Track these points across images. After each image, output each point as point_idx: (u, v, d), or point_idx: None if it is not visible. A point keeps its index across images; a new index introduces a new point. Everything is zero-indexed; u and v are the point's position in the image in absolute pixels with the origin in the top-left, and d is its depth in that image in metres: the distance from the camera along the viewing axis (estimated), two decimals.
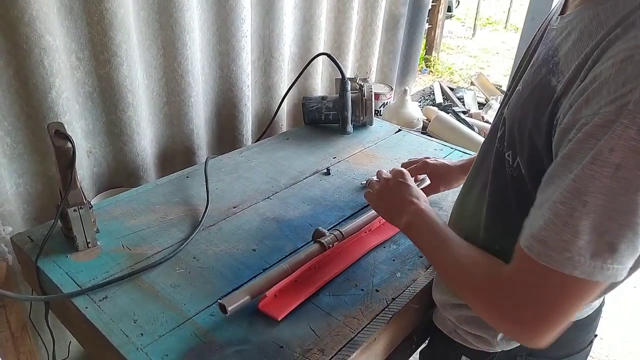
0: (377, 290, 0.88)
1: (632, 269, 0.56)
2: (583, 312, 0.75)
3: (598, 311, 0.80)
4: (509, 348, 0.77)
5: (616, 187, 0.47)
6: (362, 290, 0.88)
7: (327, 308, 0.84)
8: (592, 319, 0.79)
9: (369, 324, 0.81)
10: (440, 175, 1.07)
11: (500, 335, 0.76)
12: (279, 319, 0.80)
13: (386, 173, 0.90)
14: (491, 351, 0.78)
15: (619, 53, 0.49)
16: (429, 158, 1.11)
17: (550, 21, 0.68)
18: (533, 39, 0.72)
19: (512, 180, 0.66)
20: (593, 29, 0.54)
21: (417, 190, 0.83)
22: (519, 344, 0.76)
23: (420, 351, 0.98)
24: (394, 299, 0.86)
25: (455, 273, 0.68)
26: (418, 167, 1.09)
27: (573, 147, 0.50)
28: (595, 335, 0.82)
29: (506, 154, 0.66)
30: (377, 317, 0.82)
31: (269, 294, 0.82)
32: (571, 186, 0.49)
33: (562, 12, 0.65)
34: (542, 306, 0.54)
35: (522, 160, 0.63)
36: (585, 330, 0.79)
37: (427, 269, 0.94)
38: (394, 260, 0.96)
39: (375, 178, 0.93)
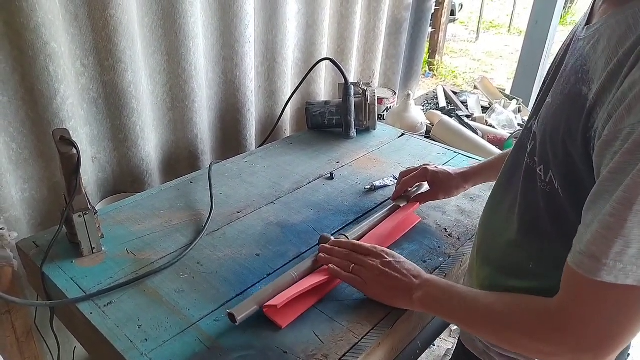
0: None
1: None
2: None
3: None
4: None
5: None
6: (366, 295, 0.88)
7: (331, 313, 0.84)
8: None
9: (372, 329, 0.81)
10: (440, 183, 1.07)
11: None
12: (283, 327, 0.80)
13: (362, 259, 0.84)
14: None
15: None
16: (428, 165, 1.10)
17: (575, 33, 0.66)
18: (558, 53, 0.70)
19: (544, 196, 0.64)
20: (622, 34, 0.53)
21: (410, 263, 0.82)
22: None
23: None
24: None
25: (496, 325, 0.65)
26: (417, 174, 1.08)
27: (621, 160, 0.48)
28: (629, 355, 0.80)
29: (537, 169, 0.64)
30: (381, 323, 0.82)
31: (279, 304, 0.80)
32: (621, 197, 0.48)
33: (587, 23, 0.63)
34: (603, 326, 0.52)
35: (556, 173, 0.61)
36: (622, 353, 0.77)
37: (431, 274, 0.94)
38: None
39: (352, 265, 0.86)
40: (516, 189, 0.71)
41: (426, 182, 1.10)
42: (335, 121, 1.52)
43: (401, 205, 1.09)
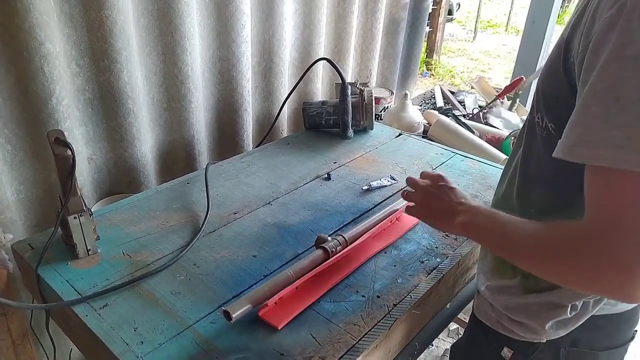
0: (378, 297, 0.88)
1: None
2: (627, 303, 0.74)
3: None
4: (557, 336, 0.75)
5: None
6: (363, 296, 0.88)
7: (328, 315, 0.83)
8: (635, 312, 0.77)
9: (370, 330, 0.80)
10: None
11: (550, 323, 0.73)
12: (279, 328, 0.79)
13: (422, 180, 0.87)
14: (536, 341, 0.76)
15: None
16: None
17: None
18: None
19: (542, 141, 0.67)
20: None
21: (461, 190, 0.83)
22: (566, 334, 0.73)
23: (454, 344, 0.96)
24: (395, 305, 0.86)
25: (534, 248, 0.61)
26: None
27: (588, 60, 0.52)
28: (636, 331, 0.80)
29: (536, 118, 0.68)
30: (379, 324, 0.82)
31: (269, 302, 0.82)
32: (598, 88, 0.50)
33: None
34: (626, 222, 0.49)
35: (550, 117, 0.64)
36: (627, 323, 0.78)
37: (429, 274, 0.94)
38: (395, 265, 0.96)
39: (409, 188, 0.89)
40: (520, 146, 0.74)
41: None
42: (332, 121, 1.51)
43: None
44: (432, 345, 1.94)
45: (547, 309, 0.73)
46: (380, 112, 1.83)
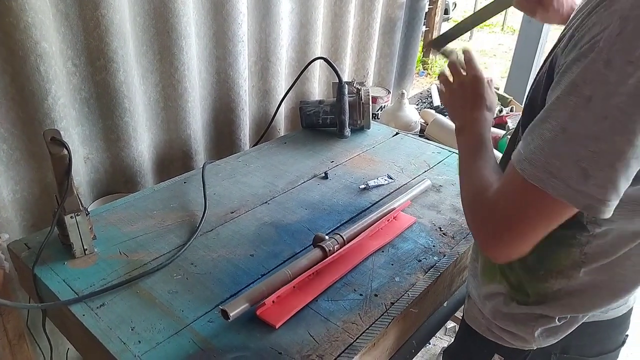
0: (375, 295, 0.88)
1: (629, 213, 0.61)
2: (617, 310, 0.75)
3: (630, 310, 0.79)
4: (547, 344, 0.76)
5: (589, 117, 0.51)
6: (361, 295, 0.88)
7: (326, 313, 0.83)
8: (625, 318, 0.78)
9: (367, 329, 0.80)
10: None
11: (537, 332, 0.75)
12: (277, 327, 0.79)
13: (459, 71, 0.87)
14: (526, 348, 0.77)
15: (603, 6, 0.53)
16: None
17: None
18: None
19: None
20: (595, 4, 0.57)
21: (490, 96, 0.84)
22: (556, 341, 0.75)
23: (445, 349, 0.97)
24: (392, 303, 0.86)
25: (465, 185, 0.72)
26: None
27: (556, 80, 0.56)
28: (627, 336, 0.81)
29: (520, 134, 0.69)
30: (376, 322, 0.82)
31: (267, 301, 0.82)
32: (555, 114, 0.54)
33: None
34: (516, 215, 0.58)
35: None
36: (618, 329, 0.79)
37: (426, 273, 0.94)
38: (392, 264, 0.96)
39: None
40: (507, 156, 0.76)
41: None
42: (329, 120, 1.51)
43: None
44: (430, 344, 1.94)
45: (535, 318, 0.74)
46: (377, 111, 1.83)
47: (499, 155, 0.77)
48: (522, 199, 0.57)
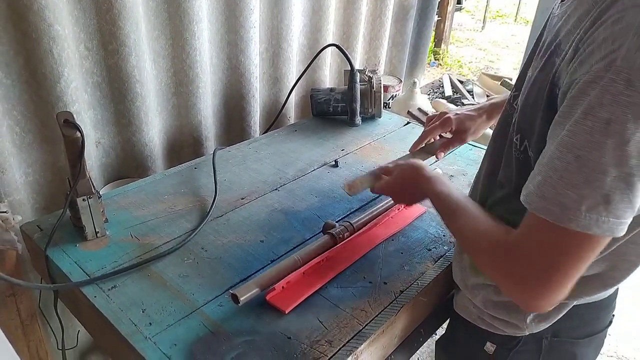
0: (385, 283, 0.88)
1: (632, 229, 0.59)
2: (605, 292, 0.75)
3: (616, 291, 0.81)
4: (537, 330, 0.77)
5: (608, 142, 0.49)
6: (370, 282, 0.88)
7: (335, 300, 0.83)
8: (612, 299, 0.80)
9: (377, 316, 0.81)
10: (465, 129, 1.04)
11: (529, 318, 0.76)
12: (286, 312, 0.80)
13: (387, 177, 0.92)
14: (519, 335, 0.78)
15: (609, 17, 0.51)
16: (447, 113, 1.06)
17: (552, 10, 0.70)
18: (541, 30, 0.74)
19: (517, 163, 0.69)
20: (589, 7, 0.56)
21: (419, 162, 0.86)
22: (548, 326, 0.76)
23: (438, 340, 0.97)
24: (402, 291, 0.86)
25: (471, 238, 0.69)
26: (441, 123, 1.04)
27: (567, 104, 0.53)
28: (614, 315, 0.83)
29: (514, 138, 0.68)
30: (385, 310, 0.82)
31: (277, 286, 0.82)
32: (565, 141, 0.52)
33: (562, 0, 0.67)
34: (544, 264, 0.55)
35: (531, 144, 0.65)
36: (606, 310, 0.80)
37: (436, 262, 0.94)
38: (402, 253, 0.96)
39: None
40: (499, 157, 0.75)
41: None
42: (340, 108, 1.50)
43: (423, 161, 1.00)
44: (436, 335, 1.94)
45: None
46: (389, 100, 1.82)
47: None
48: (542, 240, 0.55)
